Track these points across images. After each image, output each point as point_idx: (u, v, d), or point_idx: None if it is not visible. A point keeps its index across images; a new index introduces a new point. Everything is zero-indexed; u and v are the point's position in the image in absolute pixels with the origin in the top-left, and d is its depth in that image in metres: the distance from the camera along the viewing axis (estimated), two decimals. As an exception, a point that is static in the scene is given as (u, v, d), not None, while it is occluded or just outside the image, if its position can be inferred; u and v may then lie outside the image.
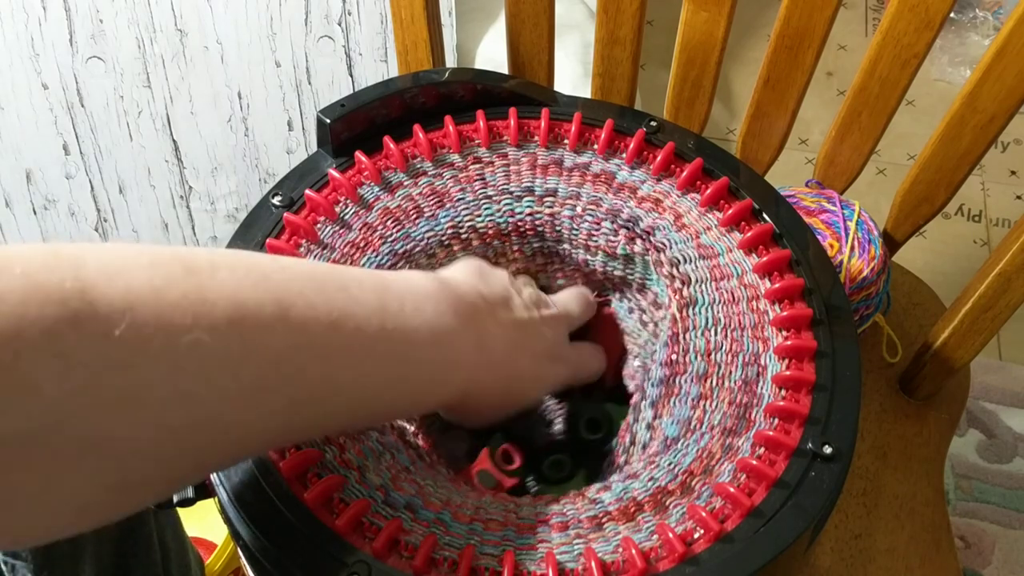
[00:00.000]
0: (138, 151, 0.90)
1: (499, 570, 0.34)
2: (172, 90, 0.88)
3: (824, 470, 0.37)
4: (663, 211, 0.47)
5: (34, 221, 0.91)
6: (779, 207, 0.46)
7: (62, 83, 0.86)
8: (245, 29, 0.87)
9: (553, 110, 0.50)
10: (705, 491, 0.37)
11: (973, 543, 0.98)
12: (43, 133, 0.87)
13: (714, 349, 0.42)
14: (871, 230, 0.61)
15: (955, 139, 0.56)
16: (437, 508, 0.37)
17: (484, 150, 0.49)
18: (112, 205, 0.93)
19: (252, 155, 0.93)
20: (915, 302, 0.69)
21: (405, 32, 0.61)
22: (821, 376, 0.40)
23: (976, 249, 1.27)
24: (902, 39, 0.56)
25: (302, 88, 0.91)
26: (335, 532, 0.34)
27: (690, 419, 0.41)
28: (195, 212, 0.95)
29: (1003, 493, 1.02)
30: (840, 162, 0.64)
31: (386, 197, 0.47)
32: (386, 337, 0.34)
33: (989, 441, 1.07)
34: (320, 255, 0.44)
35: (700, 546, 0.34)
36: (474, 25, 1.05)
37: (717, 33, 0.60)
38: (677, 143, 0.48)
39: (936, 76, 1.45)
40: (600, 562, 0.33)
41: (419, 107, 0.50)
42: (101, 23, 0.84)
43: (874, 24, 1.56)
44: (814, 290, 0.43)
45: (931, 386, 0.62)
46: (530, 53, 0.65)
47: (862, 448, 0.60)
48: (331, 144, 0.47)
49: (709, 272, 0.44)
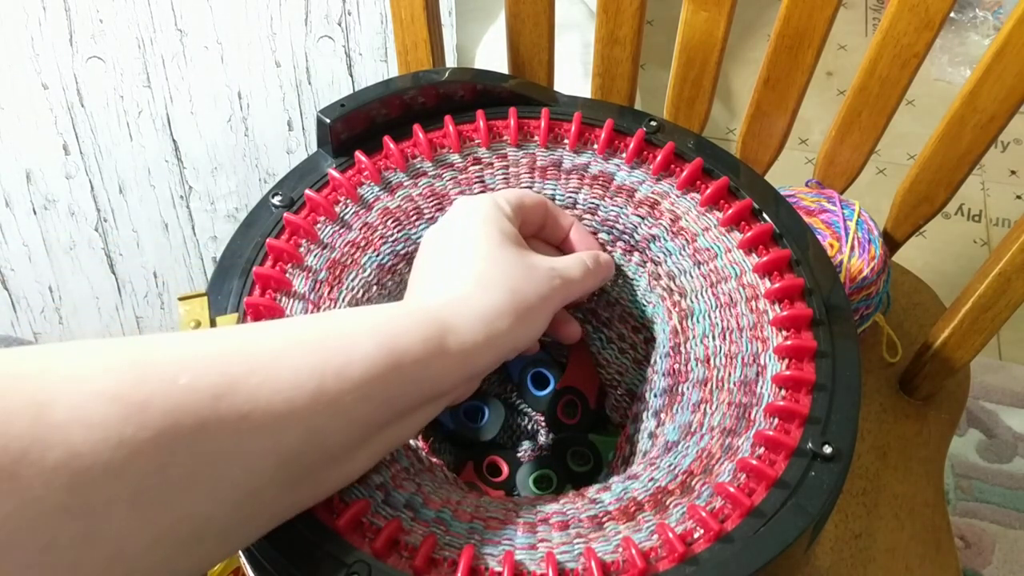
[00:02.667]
0: (138, 151, 0.91)
1: (499, 570, 0.34)
2: (172, 90, 0.88)
3: (824, 470, 0.37)
4: (660, 215, 0.47)
5: (34, 221, 0.91)
6: (779, 207, 0.46)
7: (62, 83, 0.86)
8: (245, 29, 0.87)
9: (553, 110, 0.50)
10: (705, 491, 0.37)
11: (973, 543, 0.98)
12: (43, 133, 0.87)
13: (712, 354, 0.42)
14: (871, 230, 0.61)
15: (955, 139, 0.56)
16: (437, 507, 0.37)
17: (484, 150, 0.49)
18: (112, 205, 0.93)
19: (252, 155, 0.93)
20: (915, 302, 0.69)
21: (405, 32, 0.61)
22: (821, 376, 0.40)
23: (976, 249, 1.27)
24: (902, 39, 0.56)
25: (302, 88, 0.91)
26: (335, 532, 0.34)
27: (691, 423, 0.41)
28: (195, 212, 0.96)
29: (1003, 493, 1.02)
30: (840, 162, 0.64)
31: (386, 197, 0.47)
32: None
33: (989, 441, 1.07)
34: (320, 255, 0.44)
35: (700, 546, 0.34)
36: (474, 25, 1.05)
37: (717, 33, 0.60)
38: (677, 143, 0.48)
39: (936, 76, 1.45)
40: (600, 562, 0.33)
41: (419, 107, 0.50)
42: (101, 23, 0.84)
43: (874, 24, 1.56)
44: (814, 290, 0.43)
45: (931, 386, 0.62)
46: (530, 53, 0.65)
47: (862, 448, 0.60)
48: (331, 144, 0.47)
49: (705, 279, 0.44)
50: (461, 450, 0.51)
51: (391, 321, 0.35)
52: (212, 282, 0.42)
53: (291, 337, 0.33)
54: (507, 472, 0.49)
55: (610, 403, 0.52)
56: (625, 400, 0.50)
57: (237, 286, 0.42)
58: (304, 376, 0.31)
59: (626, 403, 0.50)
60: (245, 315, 0.41)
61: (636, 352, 0.49)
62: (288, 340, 0.32)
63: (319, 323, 0.34)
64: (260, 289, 0.42)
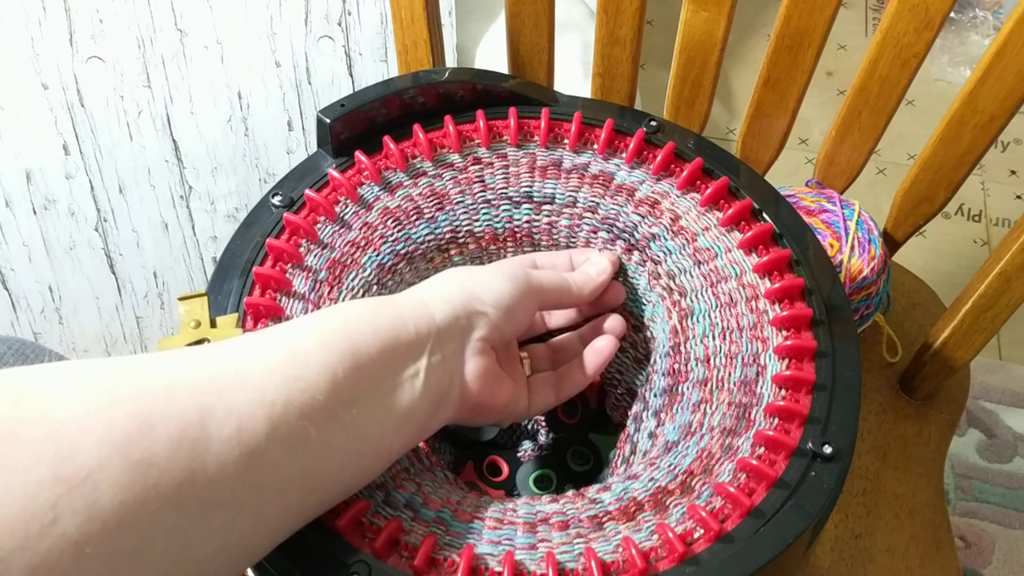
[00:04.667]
0: (138, 151, 0.90)
1: (499, 570, 0.33)
2: (172, 90, 0.88)
3: (824, 470, 0.37)
4: (660, 214, 0.47)
5: (34, 221, 0.91)
6: (779, 207, 0.46)
7: (62, 83, 0.85)
8: (245, 29, 0.87)
9: (553, 110, 0.50)
10: (705, 491, 0.37)
11: (973, 543, 0.98)
12: (43, 133, 0.87)
13: (712, 354, 0.42)
14: (871, 230, 0.60)
15: (955, 139, 0.56)
16: (437, 507, 0.37)
17: (484, 150, 0.49)
18: (112, 205, 0.93)
19: (252, 155, 0.93)
20: (915, 302, 0.69)
21: (405, 32, 0.61)
22: (821, 376, 0.40)
23: (976, 249, 1.27)
24: (902, 39, 0.56)
25: (302, 88, 0.91)
26: (335, 532, 0.34)
27: (691, 423, 0.41)
28: (195, 212, 0.95)
29: (1003, 493, 1.02)
30: (840, 162, 0.64)
31: (386, 197, 0.47)
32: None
33: (989, 441, 1.07)
34: (320, 254, 0.44)
35: (700, 546, 0.34)
36: (474, 25, 1.05)
37: (717, 33, 0.60)
38: (677, 143, 0.48)
39: (936, 76, 1.45)
40: (600, 562, 0.33)
41: (419, 107, 0.50)
42: (101, 23, 0.84)
43: (874, 24, 1.56)
44: (814, 290, 0.43)
45: (931, 386, 0.62)
46: (530, 53, 0.65)
47: (862, 448, 0.60)
48: (331, 144, 0.47)
49: (705, 279, 0.44)
50: (461, 450, 0.51)
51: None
52: (212, 282, 0.42)
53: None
54: (507, 472, 0.49)
55: (610, 403, 0.52)
56: (625, 400, 0.50)
57: (237, 286, 0.42)
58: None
59: (626, 403, 0.50)
60: (245, 315, 0.41)
61: (636, 351, 0.49)
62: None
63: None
64: (260, 289, 0.42)
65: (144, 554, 0.26)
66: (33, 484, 0.25)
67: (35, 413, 0.26)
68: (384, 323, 0.35)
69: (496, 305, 0.40)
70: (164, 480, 0.27)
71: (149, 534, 0.26)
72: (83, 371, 0.29)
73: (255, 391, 0.30)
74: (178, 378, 0.29)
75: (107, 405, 0.27)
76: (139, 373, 0.29)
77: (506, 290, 0.40)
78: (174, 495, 0.27)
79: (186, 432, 0.28)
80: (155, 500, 0.26)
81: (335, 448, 0.32)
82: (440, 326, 0.37)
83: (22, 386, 0.27)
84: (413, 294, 0.39)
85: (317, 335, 0.33)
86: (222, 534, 0.29)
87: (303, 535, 0.34)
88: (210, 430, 0.28)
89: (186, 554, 0.28)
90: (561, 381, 0.46)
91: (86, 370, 0.29)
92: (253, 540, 0.30)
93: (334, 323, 0.34)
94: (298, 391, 0.31)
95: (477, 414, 0.41)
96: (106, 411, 0.27)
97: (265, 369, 0.31)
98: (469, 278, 0.40)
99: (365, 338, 0.34)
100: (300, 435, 0.31)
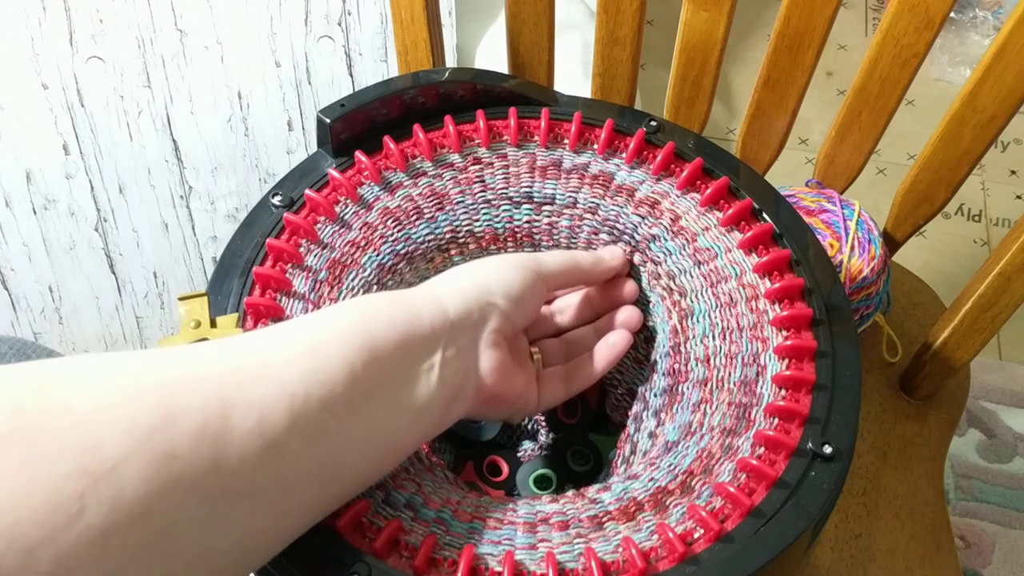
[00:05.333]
0: (138, 151, 0.90)
1: (499, 570, 0.34)
2: (172, 90, 0.88)
3: (824, 470, 0.37)
4: (660, 214, 0.47)
5: (34, 221, 0.91)
6: (779, 207, 0.46)
7: (62, 83, 0.85)
8: (245, 29, 0.87)
9: (553, 110, 0.50)
10: (705, 491, 0.37)
11: (973, 543, 0.98)
12: (43, 133, 0.87)
13: (712, 354, 0.42)
14: (871, 230, 0.60)
15: (955, 139, 0.56)
16: (437, 507, 0.37)
17: (484, 150, 0.49)
18: (112, 205, 0.93)
19: (252, 155, 0.93)
20: (915, 302, 0.69)
21: (405, 32, 0.61)
22: (821, 376, 0.40)
23: (976, 249, 1.27)
24: (902, 39, 0.56)
25: (302, 88, 0.91)
26: (335, 532, 0.34)
27: (691, 423, 0.41)
28: (195, 212, 0.95)
29: (1003, 493, 1.02)
30: (840, 162, 0.64)
31: (386, 197, 0.47)
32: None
33: (989, 441, 1.07)
34: (320, 254, 0.44)
35: (700, 546, 0.34)
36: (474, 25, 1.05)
37: (717, 33, 0.60)
38: (677, 143, 0.48)
39: (936, 76, 1.45)
40: (600, 562, 0.33)
41: (419, 107, 0.50)
42: (101, 23, 0.84)
43: (874, 24, 1.56)
44: (814, 290, 0.43)
45: (931, 386, 0.62)
46: (530, 53, 0.65)
47: (862, 448, 0.60)
48: (331, 144, 0.47)
49: (705, 279, 0.44)
50: (461, 450, 0.51)
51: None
52: (212, 282, 0.42)
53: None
54: (507, 472, 0.49)
55: (610, 403, 0.52)
56: (625, 399, 0.50)
57: (237, 286, 0.42)
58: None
59: (626, 402, 0.50)
60: (245, 315, 0.41)
61: (636, 351, 0.49)
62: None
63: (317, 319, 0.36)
64: (260, 289, 0.42)
65: (167, 545, 0.26)
66: (60, 475, 0.25)
67: (60, 404, 0.26)
68: (400, 317, 0.35)
69: (507, 296, 0.40)
70: (187, 472, 0.27)
71: (172, 525, 0.26)
72: (107, 363, 0.29)
73: (276, 383, 0.30)
74: (200, 370, 0.29)
75: (131, 397, 0.27)
76: (161, 365, 0.29)
77: (516, 280, 0.41)
78: (196, 486, 0.27)
79: (208, 424, 0.28)
80: (178, 491, 0.27)
81: (354, 440, 0.32)
82: (454, 320, 0.37)
83: (47, 377, 0.27)
84: (426, 289, 0.39)
85: (336, 327, 0.34)
86: (243, 526, 0.29)
87: (303, 535, 0.34)
88: (232, 422, 0.28)
89: (207, 545, 0.28)
90: (572, 375, 0.46)
91: (109, 362, 0.29)
92: (272, 533, 0.31)
93: (352, 315, 0.35)
94: (318, 383, 0.31)
95: (492, 407, 0.41)
96: (130, 403, 0.27)
97: (285, 361, 0.31)
98: (480, 271, 0.41)
99: (383, 331, 0.34)
100: (320, 427, 0.31)
